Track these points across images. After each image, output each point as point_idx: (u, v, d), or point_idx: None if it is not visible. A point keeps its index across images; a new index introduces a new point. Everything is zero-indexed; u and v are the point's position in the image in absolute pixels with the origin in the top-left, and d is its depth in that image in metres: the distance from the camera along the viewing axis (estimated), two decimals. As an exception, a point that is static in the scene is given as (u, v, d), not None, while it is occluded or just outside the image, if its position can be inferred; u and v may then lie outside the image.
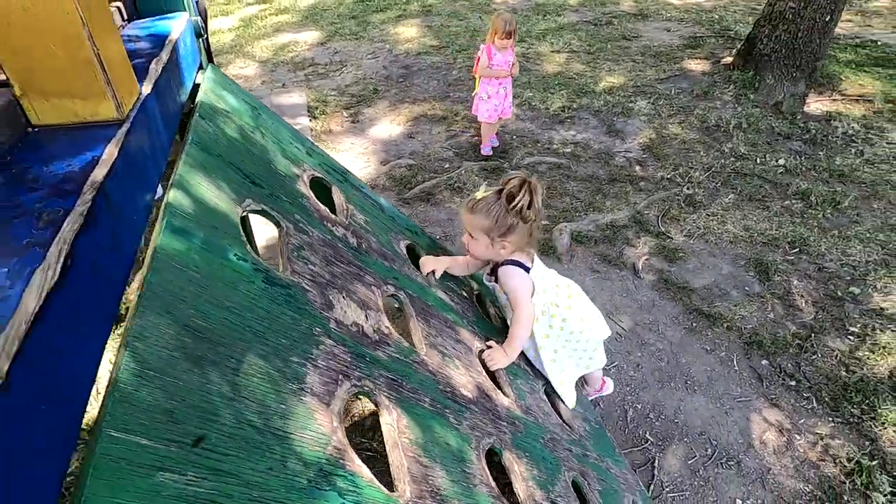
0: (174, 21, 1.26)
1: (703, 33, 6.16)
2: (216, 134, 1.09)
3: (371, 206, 1.64)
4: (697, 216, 3.32)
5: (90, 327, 0.57)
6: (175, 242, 0.73)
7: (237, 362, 0.67)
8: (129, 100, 0.80)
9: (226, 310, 0.72)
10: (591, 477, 1.48)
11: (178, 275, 0.68)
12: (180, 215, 0.78)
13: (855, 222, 3.25)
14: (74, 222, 0.56)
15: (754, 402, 2.27)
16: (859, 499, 1.91)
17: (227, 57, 6.03)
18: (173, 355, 0.59)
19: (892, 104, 4.42)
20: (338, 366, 0.86)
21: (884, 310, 2.64)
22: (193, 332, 0.64)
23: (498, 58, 3.59)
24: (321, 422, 0.72)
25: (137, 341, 0.56)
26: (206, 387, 0.59)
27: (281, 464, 0.61)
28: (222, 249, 0.82)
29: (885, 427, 2.12)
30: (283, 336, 0.79)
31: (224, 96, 1.25)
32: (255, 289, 0.81)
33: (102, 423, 0.47)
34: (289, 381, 0.73)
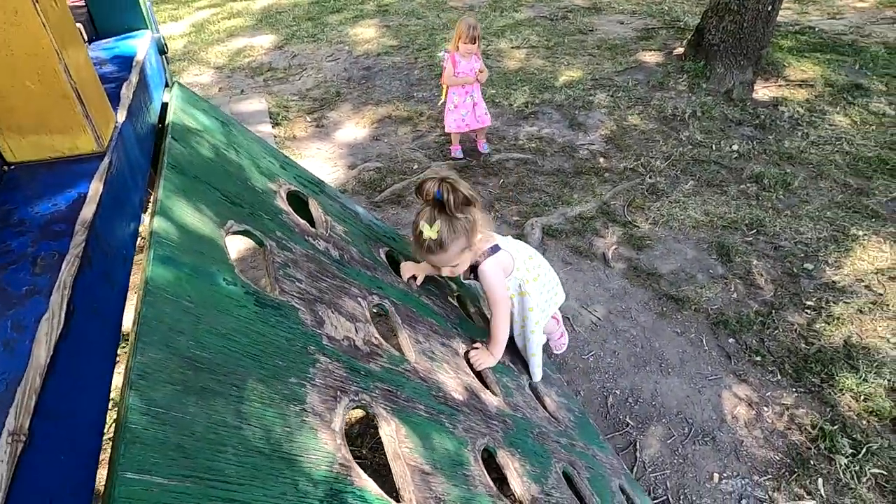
0: (138, 40, 1.22)
1: (654, 25, 6.35)
2: (191, 155, 1.08)
3: (349, 216, 1.64)
4: (661, 204, 3.44)
5: (97, 370, 0.56)
6: (165, 272, 0.72)
7: (239, 389, 0.67)
8: (107, 130, 0.78)
9: (222, 337, 0.72)
10: (579, 466, 1.53)
11: (172, 306, 0.68)
12: (167, 244, 0.78)
13: (805, 202, 3.44)
14: (71, 265, 0.55)
15: (724, 379, 2.39)
16: (824, 462, 2.05)
17: (180, 64, 5.84)
18: (177, 389, 0.59)
19: (831, 88, 4.68)
20: (335, 382, 0.87)
21: (835, 283, 2.81)
22: (194, 363, 0.64)
23: (463, 65, 3.54)
24: (325, 440, 0.73)
25: (142, 380, 0.55)
26: (212, 418, 0.60)
27: (293, 487, 0.62)
28: (211, 275, 0.81)
29: (843, 393, 2.27)
30: (280, 358, 0.80)
31: (194, 115, 1.23)
32: (247, 313, 0.82)
33: (117, 466, 0.47)
34: (290, 402, 0.73)
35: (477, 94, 3.71)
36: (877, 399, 2.22)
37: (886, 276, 2.83)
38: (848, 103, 4.47)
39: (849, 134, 4.10)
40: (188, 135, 1.14)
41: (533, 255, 1.80)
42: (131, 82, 0.98)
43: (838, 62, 5.14)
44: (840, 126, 4.21)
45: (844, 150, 3.91)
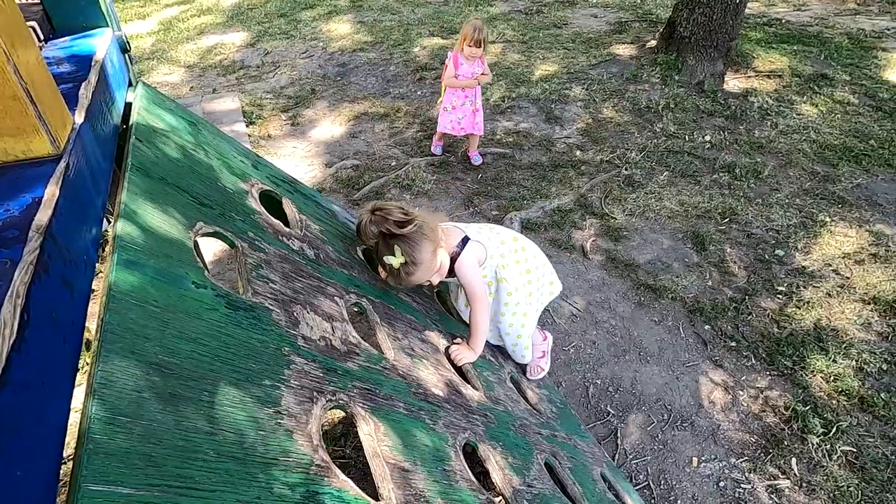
0: (98, 38, 1.18)
1: (627, 18, 6.42)
2: (156, 156, 1.05)
3: (324, 214, 1.62)
4: (637, 195, 3.49)
5: (55, 381, 0.54)
6: (129, 277, 0.70)
7: (210, 395, 0.66)
8: (64, 132, 0.75)
9: (192, 342, 0.70)
10: (561, 456, 1.55)
11: (137, 312, 0.66)
12: (131, 248, 0.76)
13: (775, 190, 3.52)
14: (25, 272, 0.53)
15: (701, 365, 2.44)
16: (797, 442, 2.11)
17: (148, 63, 5.69)
18: (143, 397, 0.57)
19: (798, 78, 4.81)
20: (311, 383, 0.86)
21: (805, 268, 2.90)
22: (161, 369, 0.63)
23: (465, 68, 3.41)
24: (301, 442, 0.73)
25: (104, 388, 0.54)
26: (181, 424, 0.58)
27: (268, 491, 0.61)
28: (179, 279, 0.79)
29: (814, 375, 2.34)
30: (253, 360, 0.78)
31: (160, 114, 1.20)
32: (218, 316, 0.80)
33: (80, 477, 0.46)
34: (264, 405, 0.72)
35: (478, 100, 3.58)
36: (846, 379, 2.30)
37: (853, 259, 2.93)
38: (814, 93, 4.59)
39: (815, 123, 4.22)
40: (153, 135, 1.11)
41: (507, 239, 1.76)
42: (90, 82, 0.95)
43: (804, 53, 5.27)
44: (807, 115, 4.33)
45: (811, 139, 4.02)
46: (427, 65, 5.31)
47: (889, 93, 4.55)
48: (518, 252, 1.73)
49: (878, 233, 3.11)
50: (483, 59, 3.43)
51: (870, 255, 2.95)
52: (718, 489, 1.98)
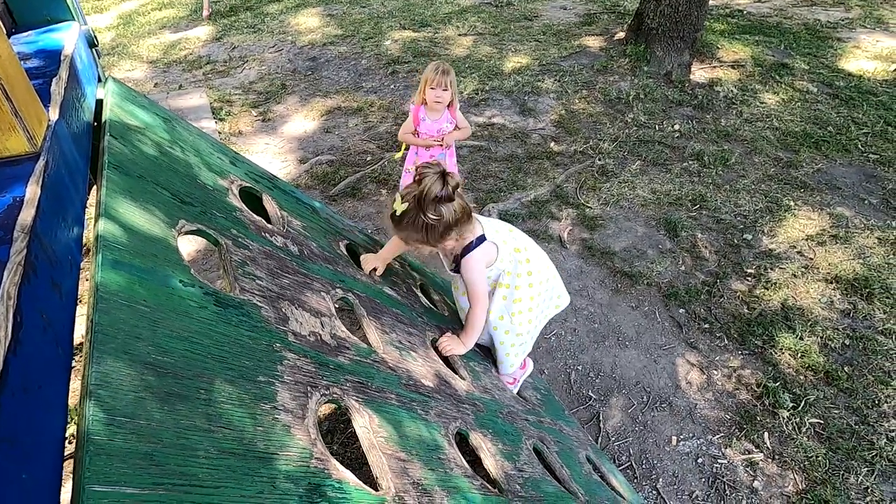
0: (65, 33, 1.14)
1: (596, 10, 6.50)
2: (133, 154, 1.02)
3: (305, 211, 1.60)
4: (611, 185, 3.56)
5: (52, 384, 0.53)
6: (116, 277, 0.69)
7: (207, 392, 0.65)
8: (40, 129, 0.73)
9: (184, 340, 0.69)
10: (548, 441, 1.58)
11: (127, 312, 0.65)
12: (115, 247, 0.74)
13: (742, 176, 3.64)
14: (14, 273, 0.51)
15: (677, 347, 2.52)
16: (769, 417, 2.21)
17: (109, 59, 5.48)
18: (140, 397, 0.56)
19: (761, 67, 4.96)
20: (304, 378, 0.86)
21: (772, 251, 3.01)
22: (156, 369, 0.62)
23: (427, 123, 2.66)
24: (300, 436, 0.73)
25: (101, 389, 0.53)
26: (180, 423, 0.58)
27: (270, 485, 0.61)
28: (166, 278, 0.78)
29: (782, 352, 2.45)
30: (246, 357, 0.78)
31: (133, 111, 1.16)
32: (208, 314, 0.79)
33: (83, 479, 0.45)
34: (260, 402, 0.72)
35: (449, 161, 2.79)
36: (812, 355, 2.41)
37: (815, 241, 3.06)
38: (776, 82, 4.75)
39: (777, 111, 4.37)
40: (128, 132, 1.08)
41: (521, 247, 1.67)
42: (61, 77, 0.91)
43: (765, 43, 5.45)
44: (769, 104, 4.48)
45: (774, 126, 4.17)
46: (399, 58, 5.27)
47: (845, 81, 4.75)
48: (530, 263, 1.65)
49: (839, 215, 3.25)
50: (454, 110, 2.66)
51: (831, 236, 3.09)
52: (697, 465, 2.05)
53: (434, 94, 2.55)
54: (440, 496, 0.88)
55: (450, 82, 2.53)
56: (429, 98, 2.57)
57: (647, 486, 2.00)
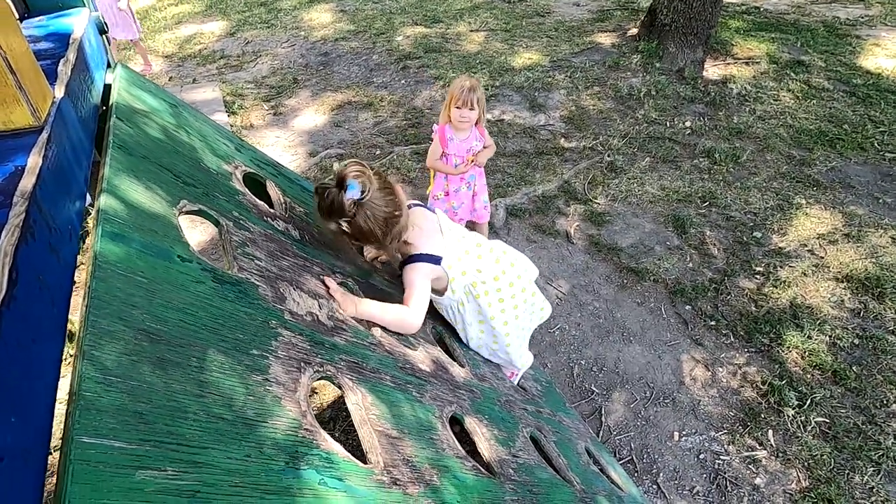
0: (75, 18, 1.17)
1: (609, 7, 6.46)
2: (138, 135, 1.04)
3: (309, 198, 1.63)
4: (619, 181, 3.54)
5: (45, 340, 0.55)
6: (114, 248, 0.71)
7: (199, 361, 0.67)
8: (44, 104, 0.75)
9: (179, 311, 0.71)
10: (546, 430, 1.59)
11: (124, 281, 0.67)
12: (115, 221, 0.76)
13: (753, 174, 3.60)
14: (12, 234, 0.53)
15: (682, 344, 2.51)
16: (774, 414, 2.18)
17: (126, 53, 5.57)
18: (133, 359, 0.58)
19: (776, 65, 4.89)
20: (298, 354, 0.88)
21: (782, 249, 2.97)
22: (149, 335, 0.64)
23: (455, 144, 2.50)
24: (290, 408, 0.74)
25: (94, 349, 0.55)
26: (171, 387, 0.60)
27: (257, 450, 0.62)
28: (165, 252, 0.80)
29: (789, 350, 2.42)
30: (241, 331, 0.80)
31: (140, 96, 1.19)
32: (205, 289, 0.81)
33: (72, 432, 0.47)
34: (252, 373, 0.74)
35: (479, 182, 2.65)
36: (820, 354, 2.38)
37: (826, 240, 3.01)
38: (791, 79, 4.68)
39: (792, 108, 4.31)
40: (134, 115, 1.10)
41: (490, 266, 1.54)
42: (69, 59, 0.94)
43: (781, 40, 5.36)
44: (784, 101, 4.41)
45: (788, 124, 4.11)
46: (410, 54, 5.28)
47: (862, 79, 4.66)
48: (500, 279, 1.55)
49: (851, 214, 3.20)
50: (481, 128, 2.53)
51: (843, 235, 3.04)
52: (699, 461, 2.04)
53: (459, 114, 2.38)
54: (430, 473, 0.89)
55: (477, 100, 2.37)
56: (454, 117, 2.41)
57: (647, 480, 1.99)
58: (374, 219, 1.28)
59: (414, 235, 1.44)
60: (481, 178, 2.67)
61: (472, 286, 1.53)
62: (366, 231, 1.29)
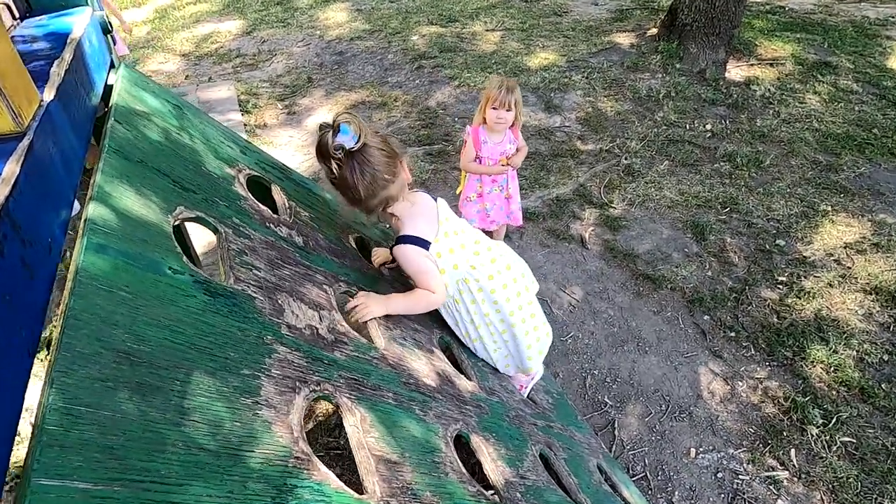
0: (76, 17, 1.14)
1: (628, 6, 6.33)
2: (136, 138, 1.01)
3: (316, 202, 1.59)
4: (636, 185, 3.45)
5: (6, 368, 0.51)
6: (99, 262, 0.67)
7: (182, 384, 0.63)
8: (29, 109, 0.72)
9: (165, 329, 0.67)
10: (556, 447, 1.52)
11: (105, 298, 0.63)
12: (103, 231, 0.72)
13: (777, 179, 3.48)
14: (-27, 254, 0.50)
15: (700, 355, 2.42)
16: (796, 433, 2.09)
17: (143, 52, 5.62)
18: (108, 386, 0.54)
19: (801, 66, 4.74)
20: (294, 373, 0.83)
21: (806, 258, 2.86)
22: (130, 357, 0.59)
23: (490, 146, 2.44)
24: (280, 434, 0.70)
25: (64, 376, 0.51)
26: (149, 415, 0.55)
27: (241, 485, 0.58)
28: (155, 264, 0.76)
29: (814, 365, 2.32)
30: (232, 349, 0.75)
31: (142, 96, 1.16)
32: (195, 303, 0.77)
33: (31, 472, 0.43)
34: (241, 395, 0.69)
35: (512, 185, 2.60)
36: (846, 370, 2.27)
37: (854, 249, 2.89)
38: (817, 81, 4.52)
39: (818, 111, 4.16)
40: (134, 117, 1.07)
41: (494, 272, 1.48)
42: (64, 59, 0.91)
43: (808, 41, 5.20)
44: (810, 104, 4.27)
45: (814, 128, 3.97)
46: (425, 53, 5.24)
47: (893, 81, 4.49)
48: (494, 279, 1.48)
49: (881, 222, 3.07)
50: (516, 130, 2.47)
51: (872, 244, 2.91)
52: (716, 480, 1.96)
53: (496, 115, 2.30)
54: (431, 502, 0.84)
55: (514, 101, 2.29)
56: (489, 118, 2.32)
57: (661, 498, 1.91)
58: (360, 174, 1.23)
59: (402, 208, 1.37)
60: (514, 180, 2.62)
61: (464, 282, 1.46)
62: (350, 185, 1.25)
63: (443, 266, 1.41)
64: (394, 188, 1.31)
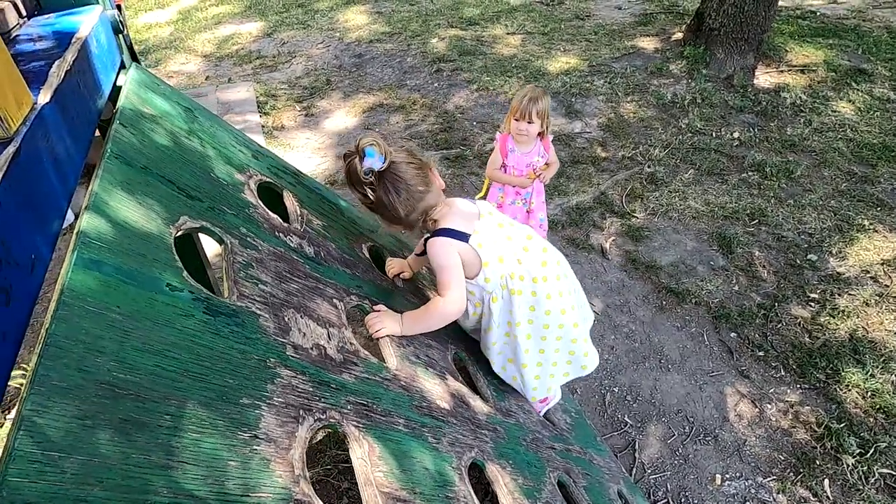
0: (84, 15, 1.10)
1: (653, 10, 6.20)
2: (141, 143, 0.96)
3: (329, 209, 1.53)
4: (660, 194, 3.34)
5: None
6: (89, 280, 0.62)
7: (173, 418, 0.57)
8: (18, 113, 0.67)
9: (157, 355, 0.62)
10: (575, 473, 1.44)
11: (92, 320, 0.57)
12: (95, 244, 0.67)
13: (808, 191, 3.33)
14: (-67, 279, 0.45)
15: (726, 375, 2.30)
16: (830, 462, 1.97)
17: (165, 52, 5.67)
18: (86, 425, 0.49)
19: (834, 73, 4.56)
20: (297, 400, 0.77)
21: (840, 274, 2.72)
22: (114, 389, 0.54)
23: (516, 156, 2.38)
24: (279, 472, 0.63)
25: (36, 416, 0.45)
26: (131, 458, 0.50)
27: (232, 537, 0.52)
28: (152, 281, 0.71)
29: (849, 389, 2.19)
30: (230, 375, 0.69)
31: (150, 99, 1.11)
32: (194, 323, 0.71)
33: (-14, 533, 0.37)
34: (238, 429, 0.63)
35: (537, 199, 2.52)
36: (884, 395, 2.14)
37: (893, 266, 2.74)
38: (851, 89, 4.35)
39: (852, 120, 4.00)
40: (141, 121, 1.02)
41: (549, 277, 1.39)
42: (65, 60, 0.87)
43: (841, 47, 5.01)
44: (843, 112, 4.10)
45: (848, 137, 3.81)
46: (445, 56, 5.18)
47: (933, 89, 4.29)
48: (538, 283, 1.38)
49: (921, 238, 2.91)
50: (547, 141, 2.42)
51: (911, 262, 2.76)
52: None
53: (517, 127, 2.25)
54: (443, 545, 0.77)
55: (537, 112, 2.21)
56: (512, 129, 2.29)
57: (684, 528, 1.81)
58: (395, 192, 1.22)
59: (441, 212, 1.33)
60: (539, 195, 2.53)
61: (509, 277, 1.35)
62: (388, 205, 1.23)
63: (486, 257, 1.33)
64: (431, 198, 1.29)
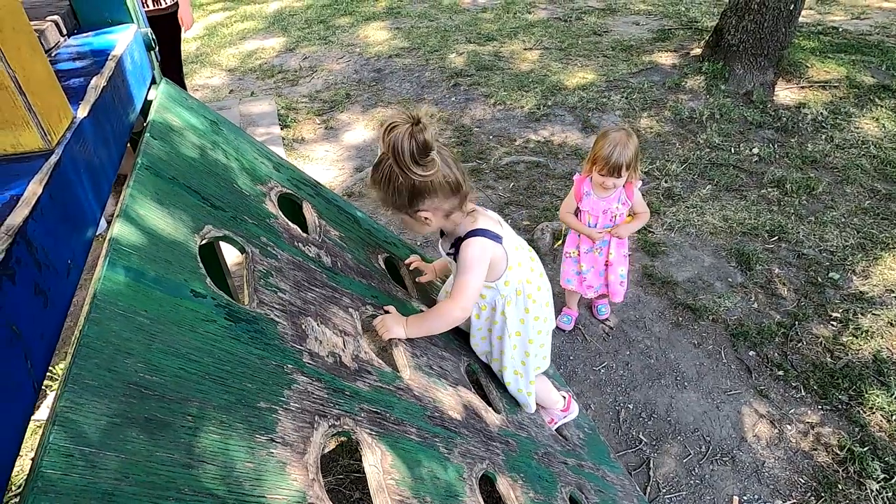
0: (119, 34, 1.16)
1: (671, 26, 6.21)
2: (170, 154, 1.00)
3: (346, 220, 1.56)
4: (677, 209, 3.32)
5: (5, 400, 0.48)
6: (119, 285, 0.65)
7: (194, 419, 0.59)
8: (59, 126, 0.71)
9: (181, 357, 0.64)
10: (588, 489, 1.43)
11: (121, 323, 0.60)
12: (125, 251, 0.70)
13: (830, 207, 3.28)
14: (-19, 281, 0.48)
15: (744, 394, 2.26)
16: (853, 486, 1.91)
17: (191, 67, 5.85)
18: (115, 423, 0.51)
19: (856, 89, 4.51)
20: (313, 405, 0.79)
21: (863, 293, 2.66)
22: (141, 389, 0.56)
23: (592, 200, 2.13)
24: (295, 475, 0.65)
25: (70, 412, 0.48)
26: (155, 456, 0.52)
27: (248, 536, 0.53)
28: (178, 287, 0.74)
29: (873, 412, 2.13)
30: (249, 379, 0.72)
31: (179, 112, 1.16)
32: (215, 328, 0.74)
33: (23, 521, 0.40)
34: (256, 432, 0.65)
35: (616, 252, 2.25)
36: (910, 419, 2.08)
37: (919, 286, 2.68)
38: (874, 105, 4.29)
39: (876, 137, 3.93)
40: (169, 133, 1.07)
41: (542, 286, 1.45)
42: (102, 76, 0.92)
43: (864, 63, 4.95)
44: (866, 129, 4.04)
45: (871, 154, 3.74)
46: (462, 71, 5.25)
47: (960, 106, 4.21)
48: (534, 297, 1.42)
49: (948, 258, 2.84)
50: (631, 187, 2.10)
51: (938, 282, 2.69)
52: (762, 534, 1.80)
53: (602, 182, 2.00)
54: (453, 555, 0.78)
55: (626, 165, 1.92)
56: (595, 181, 2.05)
57: (700, 550, 1.77)
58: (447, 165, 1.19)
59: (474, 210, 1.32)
60: (620, 248, 2.26)
61: (526, 283, 1.37)
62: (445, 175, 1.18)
63: (512, 261, 1.34)
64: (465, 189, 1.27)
